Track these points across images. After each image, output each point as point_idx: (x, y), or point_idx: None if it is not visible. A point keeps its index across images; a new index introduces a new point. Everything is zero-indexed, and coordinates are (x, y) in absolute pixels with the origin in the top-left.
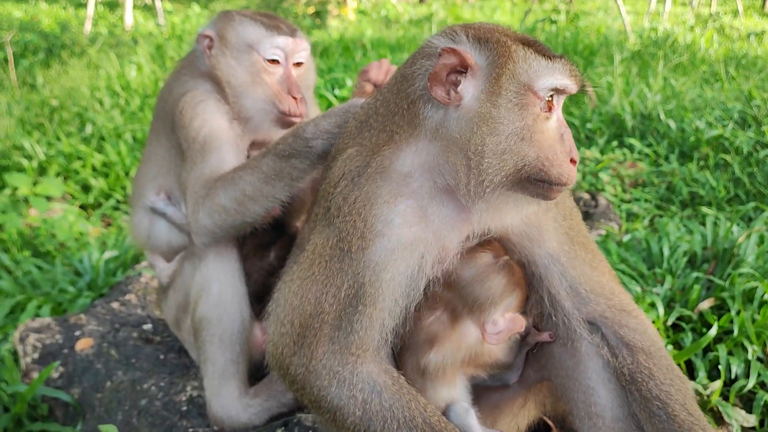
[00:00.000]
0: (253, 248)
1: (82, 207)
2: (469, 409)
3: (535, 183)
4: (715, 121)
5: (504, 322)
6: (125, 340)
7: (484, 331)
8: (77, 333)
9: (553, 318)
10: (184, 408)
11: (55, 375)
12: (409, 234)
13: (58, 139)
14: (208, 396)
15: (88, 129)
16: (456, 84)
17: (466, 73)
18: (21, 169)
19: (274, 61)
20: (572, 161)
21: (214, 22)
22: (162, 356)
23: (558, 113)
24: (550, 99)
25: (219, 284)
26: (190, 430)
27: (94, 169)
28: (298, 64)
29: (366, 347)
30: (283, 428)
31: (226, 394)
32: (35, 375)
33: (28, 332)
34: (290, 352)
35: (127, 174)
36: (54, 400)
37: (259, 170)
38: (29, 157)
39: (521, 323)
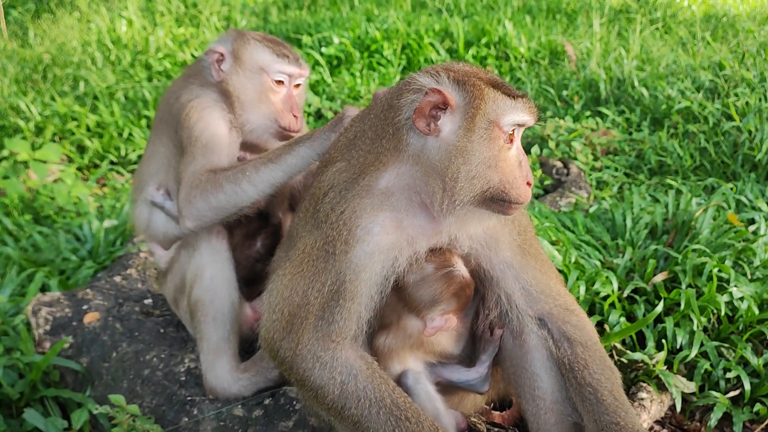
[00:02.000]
0: (241, 238)
1: (78, 169)
2: (419, 374)
3: (496, 201)
4: (687, 90)
5: (440, 321)
6: (128, 314)
7: (425, 326)
8: (85, 307)
9: (509, 314)
10: (183, 378)
11: (66, 345)
12: (386, 241)
13: (53, 99)
14: (203, 369)
15: (82, 87)
16: (436, 118)
17: (445, 110)
18: (18, 130)
19: (280, 83)
20: (528, 184)
21: (227, 39)
22: (162, 330)
23: (517, 143)
24: (512, 132)
25: (211, 271)
26: (188, 398)
27: (88, 129)
28: (297, 86)
29: (345, 335)
30: (270, 398)
31: (219, 368)
32: (47, 345)
33: (40, 306)
34: (280, 337)
35: (120, 135)
36: (65, 368)
37: (264, 156)
38: (26, 119)
39: (453, 323)
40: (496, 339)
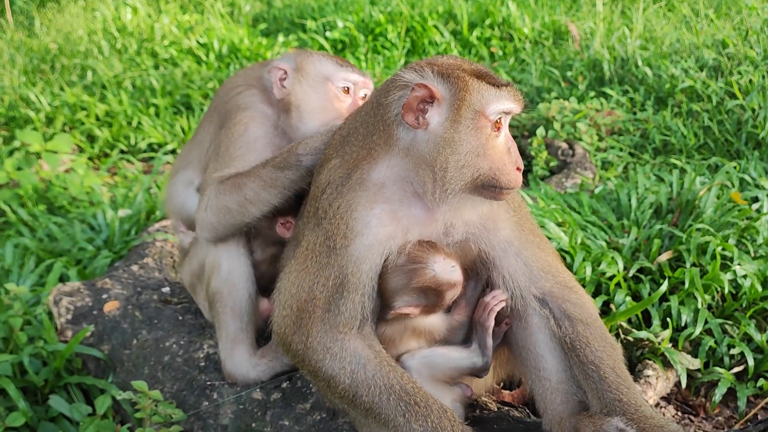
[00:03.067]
0: (260, 242)
1: (89, 158)
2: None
3: (488, 188)
4: (690, 69)
5: (405, 309)
6: (147, 302)
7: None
8: (104, 296)
9: (513, 295)
10: (202, 364)
11: (87, 334)
12: (383, 232)
13: (62, 89)
14: (222, 357)
15: (90, 76)
16: (424, 111)
17: (433, 103)
18: (28, 121)
19: (346, 91)
20: (518, 169)
21: (290, 57)
22: (180, 317)
23: (505, 130)
24: (498, 120)
25: (228, 264)
26: (208, 383)
27: (97, 118)
28: (364, 97)
29: (351, 326)
30: (287, 382)
31: (237, 356)
32: (69, 334)
33: (61, 296)
34: (291, 332)
35: (129, 123)
36: (87, 356)
37: (260, 178)
38: (36, 110)
39: (415, 313)
40: (500, 332)
